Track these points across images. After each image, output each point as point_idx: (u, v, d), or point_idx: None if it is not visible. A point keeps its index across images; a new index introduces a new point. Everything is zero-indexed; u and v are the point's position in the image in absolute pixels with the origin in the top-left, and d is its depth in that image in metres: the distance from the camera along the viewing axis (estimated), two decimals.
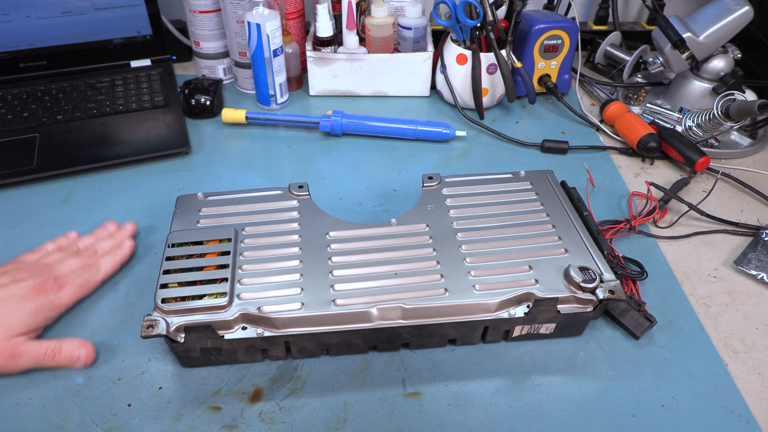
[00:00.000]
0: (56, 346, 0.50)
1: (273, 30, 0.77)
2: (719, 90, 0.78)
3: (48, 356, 0.49)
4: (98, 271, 0.56)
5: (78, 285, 0.54)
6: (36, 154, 0.73)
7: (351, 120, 0.80)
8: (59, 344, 0.50)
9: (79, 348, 0.50)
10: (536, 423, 0.48)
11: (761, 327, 0.56)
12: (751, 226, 0.67)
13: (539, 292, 0.50)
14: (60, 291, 0.53)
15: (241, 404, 0.48)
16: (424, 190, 0.61)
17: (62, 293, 0.53)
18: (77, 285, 0.54)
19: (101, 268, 0.57)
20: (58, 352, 0.49)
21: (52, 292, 0.52)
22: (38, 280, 0.52)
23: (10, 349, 0.48)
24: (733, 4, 0.75)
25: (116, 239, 0.60)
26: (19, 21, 0.83)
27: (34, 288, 0.51)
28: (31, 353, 0.49)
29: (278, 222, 0.57)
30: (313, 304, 0.49)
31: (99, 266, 0.57)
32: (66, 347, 0.50)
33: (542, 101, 0.91)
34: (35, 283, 0.52)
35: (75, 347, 0.50)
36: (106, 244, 0.59)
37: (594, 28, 1.04)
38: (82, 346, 0.50)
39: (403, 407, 0.48)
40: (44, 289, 0.52)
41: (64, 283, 0.53)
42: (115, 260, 0.58)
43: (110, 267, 0.58)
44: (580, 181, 0.73)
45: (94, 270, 0.56)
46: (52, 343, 0.50)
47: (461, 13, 0.78)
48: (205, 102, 0.83)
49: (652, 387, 0.50)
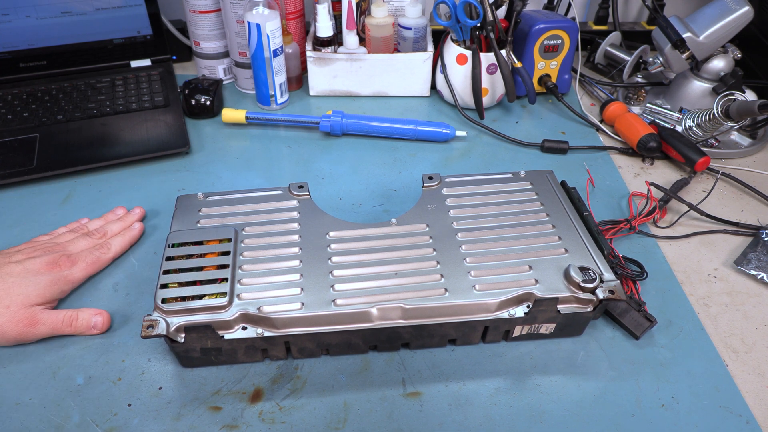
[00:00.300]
0: (73, 313, 0.52)
1: (273, 30, 0.77)
2: (719, 90, 0.78)
3: (65, 323, 0.52)
4: (109, 249, 0.59)
5: (90, 262, 0.57)
6: (36, 154, 0.73)
7: (351, 120, 0.80)
8: (76, 312, 0.52)
9: (96, 315, 0.53)
10: (536, 423, 0.48)
11: (761, 327, 0.56)
12: (751, 226, 0.67)
13: (539, 292, 0.50)
14: (73, 267, 0.55)
15: (241, 404, 0.48)
16: (424, 190, 0.61)
17: (75, 269, 0.55)
18: (89, 261, 0.57)
19: (111, 247, 0.59)
20: (75, 319, 0.52)
21: (65, 267, 0.55)
22: (52, 257, 0.55)
23: (29, 316, 0.50)
24: (733, 4, 0.75)
25: (126, 221, 0.63)
26: (19, 21, 0.83)
27: (48, 263, 0.54)
28: (49, 320, 0.51)
29: (278, 222, 0.57)
30: (313, 304, 0.49)
31: (109, 245, 0.59)
32: (83, 314, 0.53)
33: (542, 101, 0.91)
34: (49, 259, 0.54)
35: (91, 314, 0.53)
36: (116, 226, 0.62)
37: (594, 28, 1.04)
38: (99, 314, 0.53)
39: (403, 407, 0.48)
40: (58, 265, 0.54)
41: (76, 260, 0.56)
42: (125, 240, 0.61)
43: (120, 246, 0.60)
44: (580, 181, 0.73)
45: (104, 249, 0.59)
46: (69, 311, 0.52)
47: (461, 13, 0.78)
48: (205, 102, 0.83)
49: (652, 387, 0.50)
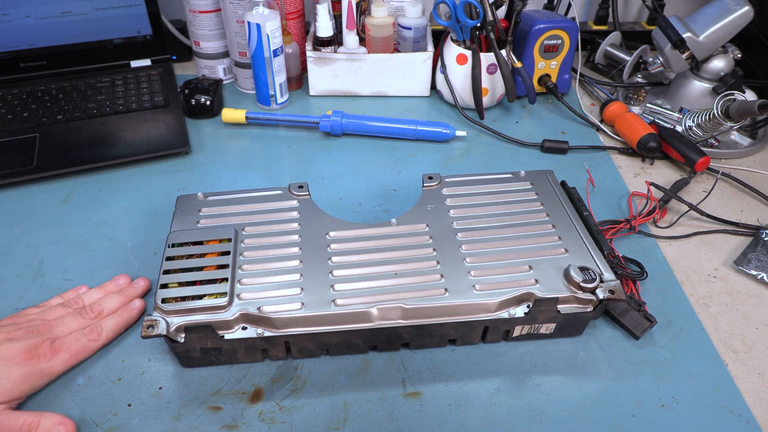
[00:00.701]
0: (34, 420, 0.45)
1: (273, 30, 0.77)
2: (719, 90, 0.78)
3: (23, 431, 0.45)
4: (99, 335, 0.52)
5: (74, 352, 0.50)
6: (36, 154, 0.73)
7: (351, 120, 0.80)
8: (38, 418, 0.45)
9: (59, 425, 0.46)
10: (536, 423, 0.48)
11: (761, 327, 0.56)
12: (751, 226, 0.67)
13: (539, 292, 0.50)
14: (53, 358, 0.48)
15: (241, 404, 0.48)
16: (424, 190, 0.61)
17: (55, 360, 0.49)
18: (73, 352, 0.50)
19: (102, 332, 0.52)
20: (35, 427, 0.45)
21: (44, 358, 0.48)
22: (32, 342, 0.48)
23: None
24: (733, 4, 0.75)
25: (126, 296, 0.56)
26: (19, 21, 0.83)
27: (26, 351, 0.47)
28: (5, 427, 0.44)
29: (278, 222, 0.57)
30: (313, 304, 0.49)
31: (101, 330, 0.52)
32: (45, 423, 0.45)
33: (542, 101, 0.91)
34: (29, 345, 0.47)
35: (55, 423, 0.45)
36: (113, 303, 0.55)
37: (594, 28, 1.04)
38: (62, 424, 0.46)
39: (403, 407, 0.48)
40: (37, 354, 0.47)
41: (59, 349, 0.49)
42: (120, 323, 0.53)
43: (113, 332, 0.53)
44: (580, 181, 0.73)
45: (94, 334, 0.52)
46: (30, 416, 0.45)
47: (461, 13, 0.78)
48: (205, 102, 0.83)
49: (652, 387, 0.50)
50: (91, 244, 0.63)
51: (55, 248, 0.62)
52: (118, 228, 0.65)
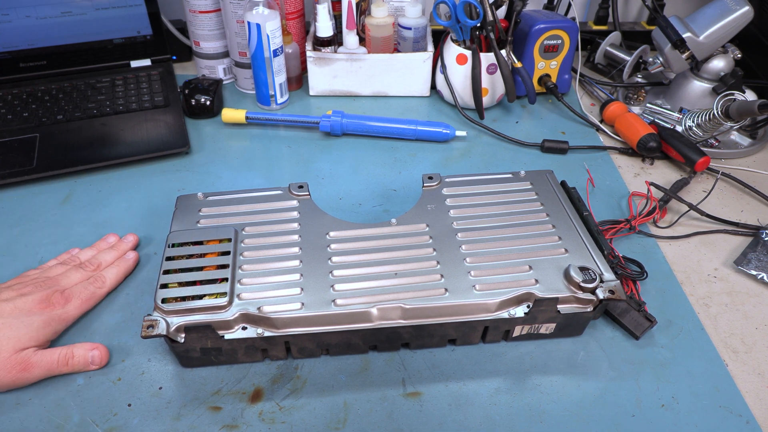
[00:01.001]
0: (68, 351, 0.49)
1: (273, 30, 0.77)
2: (719, 90, 0.78)
3: (62, 363, 0.49)
4: (104, 283, 0.56)
5: (85, 298, 0.54)
6: (36, 154, 0.73)
7: (351, 120, 0.80)
8: (71, 349, 0.50)
9: (92, 350, 0.50)
10: (536, 423, 0.48)
11: (761, 327, 0.56)
12: (751, 226, 0.67)
13: (539, 292, 0.50)
14: (66, 304, 0.52)
15: (241, 404, 0.48)
16: (424, 190, 0.61)
17: (69, 306, 0.52)
18: (84, 298, 0.54)
19: (106, 279, 0.56)
20: (71, 357, 0.49)
21: (59, 306, 0.51)
22: (44, 293, 0.51)
23: (22, 361, 0.47)
24: (733, 4, 0.75)
25: (119, 250, 0.60)
26: (19, 21, 0.83)
27: (40, 301, 0.50)
28: (44, 362, 0.48)
29: (278, 222, 0.57)
30: (313, 304, 0.49)
31: (104, 278, 0.56)
32: (78, 351, 0.50)
33: (542, 101, 0.91)
34: (41, 296, 0.51)
35: (87, 350, 0.50)
36: (109, 256, 0.59)
37: (594, 28, 1.04)
38: (95, 348, 0.50)
39: (403, 407, 0.48)
40: (51, 303, 0.51)
41: (70, 296, 0.53)
42: (119, 271, 0.58)
43: (115, 278, 0.57)
44: (580, 181, 0.73)
45: (99, 282, 0.56)
46: (64, 350, 0.49)
47: (461, 13, 0.78)
48: (205, 102, 0.83)
49: (652, 387, 0.50)
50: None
51: (55, 248, 0.62)
52: (118, 228, 0.65)
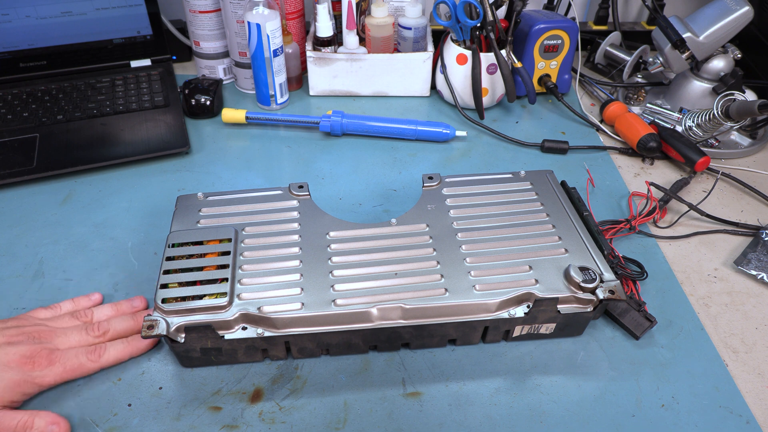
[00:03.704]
0: (28, 420, 0.45)
1: (273, 30, 0.77)
2: (719, 90, 0.78)
3: (18, 431, 0.45)
4: (99, 357, 0.50)
5: (69, 367, 0.48)
6: (36, 154, 0.73)
7: (351, 120, 0.80)
8: (32, 418, 0.45)
9: (52, 425, 0.46)
10: (536, 423, 0.48)
11: (761, 327, 0.56)
12: (751, 226, 0.67)
13: (539, 292, 0.50)
14: (47, 368, 0.47)
15: (241, 404, 0.48)
16: (424, 190, 0.61)
17: (48, 371, 0.48)
18: (68, 367, 0.48)
19: (104, 354, 0.50)
20: (30, 427, 0.45)
21: (38, 367, 0.47)
22: (31, 348, 0.47)
23: None
24: (733, 4, 0.75)
25: (137, 322, 0.53)
26: (19, 21, 0.83)
27: (22, 356, 0.47)
28: (1, 426, 0.44)
29: (278, 222, 0.57)
30: (313, 304, 0.49)
31: (102, 351, 0.50)
32: (39, 423, 0.45)
33: (542, 101, 0.91)
34: (27, 351, 0.47)
35: (48, 423, 0.45)
36: (122, 325, 0.52)
37: (594, 28, 1.04)
38: (56, 423, 0.46)
39: (403, 407, 0.48)
40: (32, 362, 0.47)
41: (55, 360, 0.48)
42: (125, 351, 0.51)
43: (114, 357, 0.51)
44: (580, 181, 0.73)
45: (95, 355, 0.50)
46: (25, 416, 0.45)
47: (461, 13, 0.78)
48: (205, 102, 0.83)
49: (652, 387, 0.50)
50: (91, 244, 0.63)
51: (55, 248, 0.62)
52: (118, 228, 0.65)
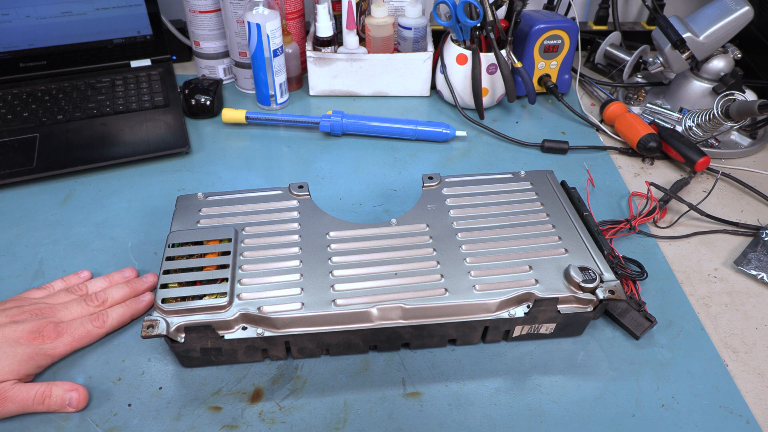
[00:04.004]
0: (46, 389, 0.46)
1: (273, 30, 0.77)
2: (719, 90, 0.78)
3: (37, 401, 0.46)
4: (103, 323, 0.51)
5: (77, 336, 0.50)
6: (36, 154, 0.73)
7: (351, 120, 0.80)
8: (49, 387, 0.47)
9: (71, 391, 0.47)
10: (536, 423, 0.48)
11: (761, 327, 0.56)
12: (751, 226, 0.67)
13: (539, 292, 0.50)
14: (57, 339, 0.49)
15: (241, 404, 0.48)
16: (424, 190, 0.61)
17: (58, 342, 0.49)
18: (76, 336, 0.50)
19: (108, 320, 0.52)
20: (48, 396, 0.46)
21: (48, 340, 0.48)
22: (37, 323, 0.49)
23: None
24: (733, 4, 0.75)
25: (133, 288, 0.55)
26: (19, 21, 0.83)
27: (30, 332, 0.48)
28: (20, 398, 0.46)
29: (278, 222, 0.57)
30: (313, 304, 0.49)
31: (106, 317, 0.52)
32: (57, 391, 0.47)
33: (542, 101, 0.91)
34: (33, 326, 0.48)
35: (66, 390, 0.47)
36: (119, 292, 0.54)
37: (594, 28, 1.04)
38: (75, 390, 0.47)
39: (403, 407, 0.48)
40: (41, 335, 0.48)
41: (63, 332, 0.49)
42: (126, 313, 0.53)
43: (118, 320, 0.52)
44: (580, 181, 0.73)
45: (99, 321, 0.51)
46: (42, 387, 0.47)
47: (461, 13, 0.78)
48: (205, 102, 0.83)
49: (652, 387, 0.50)
50: (91, 244, 0.63)
51: (55, 248, 0.62)
52: (118, 228, 0.65)
